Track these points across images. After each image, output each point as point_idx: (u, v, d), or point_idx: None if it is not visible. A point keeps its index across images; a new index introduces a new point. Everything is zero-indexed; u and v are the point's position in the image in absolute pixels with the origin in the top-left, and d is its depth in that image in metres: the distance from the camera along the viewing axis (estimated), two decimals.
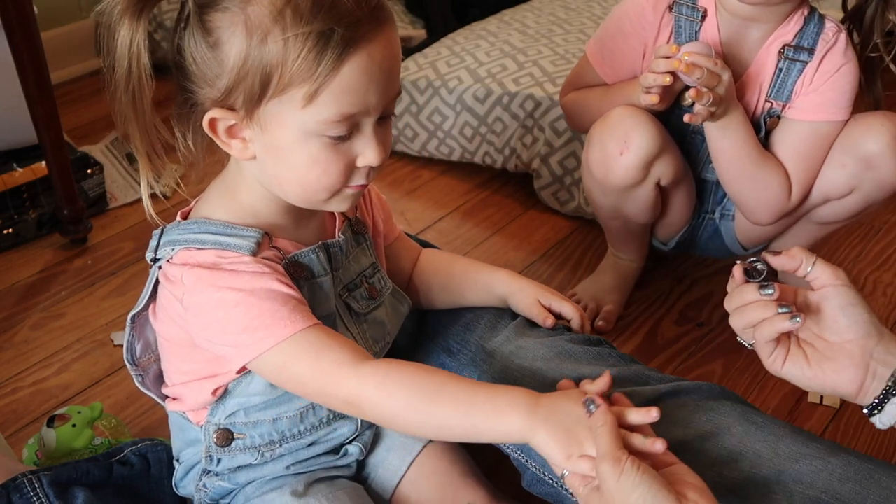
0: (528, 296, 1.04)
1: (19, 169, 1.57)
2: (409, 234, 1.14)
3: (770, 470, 0.84)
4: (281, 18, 0.75)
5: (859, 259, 1.61)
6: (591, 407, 0.75)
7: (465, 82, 1.78)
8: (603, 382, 0.80)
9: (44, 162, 1.55)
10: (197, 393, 0.89)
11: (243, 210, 0.86)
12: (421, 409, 0.79)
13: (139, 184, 1.78)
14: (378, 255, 1.00)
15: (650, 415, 0.75)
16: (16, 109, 1.50)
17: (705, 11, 1.25)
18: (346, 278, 0.94)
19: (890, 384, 0.81)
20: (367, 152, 0.81)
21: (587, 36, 1.89)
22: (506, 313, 1.06)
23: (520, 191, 1.80)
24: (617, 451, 0.71)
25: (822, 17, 1.25)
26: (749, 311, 0.83)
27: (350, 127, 0.80)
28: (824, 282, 0.82)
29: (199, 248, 0.83)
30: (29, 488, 0.91)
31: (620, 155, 1.25)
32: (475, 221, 1.72)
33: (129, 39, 0.78)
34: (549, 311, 1.04)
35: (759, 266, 0.83)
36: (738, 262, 0.86)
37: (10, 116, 1.54)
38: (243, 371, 0.85)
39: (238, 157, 0.84)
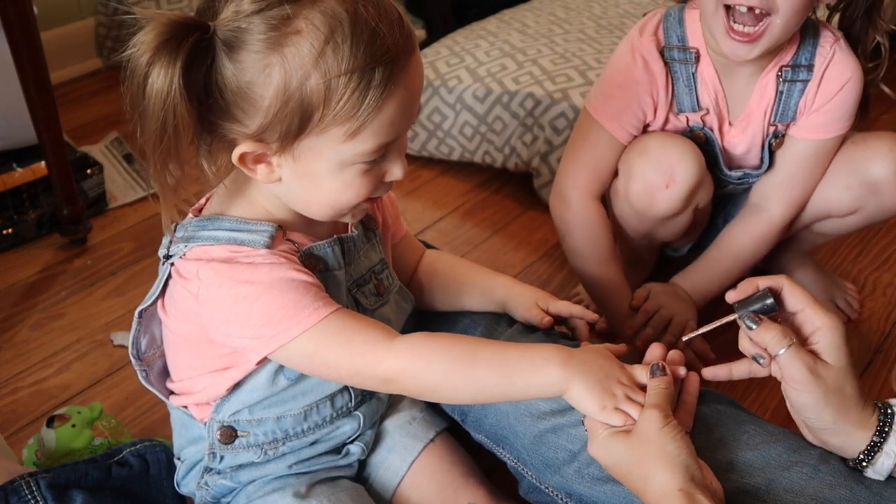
0: (526, 300, 1.04)
1: (19, 169, 1.57)
2: None
3: (761, 479, 0.84)
4: (322, 60, 0.74)
5: (859, 259, 1.61)
6: (657, 372, 0.85)
7: (464, 82, 1.78)
8: (619, 349, 0.91)
9: (43, 162, 1.55)
10: (206, 387, 0.89)
11: (256, 209, 0.86)
12: (460, 374, 0.82)
13: (139, 184, 1.76)
14: (386, 251, 1.01)
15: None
16: (16, 109, 1.50)
17: (697, 52, 1.20)
18: (356, 273, 0.94)
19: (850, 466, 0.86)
20: (394, 170, 0.83)
21: (587, 35, 1.89)
22: (503, 319, 1.06)
23: (519, 190, 1.80)
24: (668, 408, 0.81)
25: (816, 27, 1.20)
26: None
27: (384, 152, 0.81)
28: (785, 378, 0.83)
29: (213, 245, 0.83)
30: (27, 491, 0.91)
31: (667, 188, 1.20)
32: (475, 221, 1.72)
33: (166, 90, 0.73)
34: (550, 314, 1.03)
35: (749, 323, 0.84)
36: (735, 302, 0.86)
37: (10, 116, 1.55)
38: (263, 361, 0.85)
39: (263, 181, 0.82)
